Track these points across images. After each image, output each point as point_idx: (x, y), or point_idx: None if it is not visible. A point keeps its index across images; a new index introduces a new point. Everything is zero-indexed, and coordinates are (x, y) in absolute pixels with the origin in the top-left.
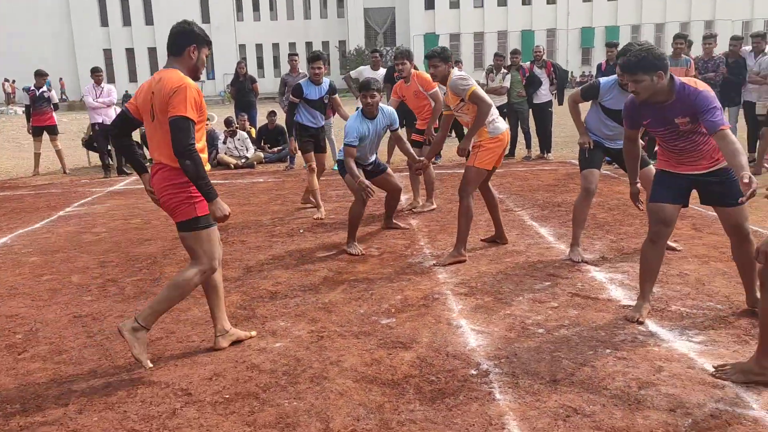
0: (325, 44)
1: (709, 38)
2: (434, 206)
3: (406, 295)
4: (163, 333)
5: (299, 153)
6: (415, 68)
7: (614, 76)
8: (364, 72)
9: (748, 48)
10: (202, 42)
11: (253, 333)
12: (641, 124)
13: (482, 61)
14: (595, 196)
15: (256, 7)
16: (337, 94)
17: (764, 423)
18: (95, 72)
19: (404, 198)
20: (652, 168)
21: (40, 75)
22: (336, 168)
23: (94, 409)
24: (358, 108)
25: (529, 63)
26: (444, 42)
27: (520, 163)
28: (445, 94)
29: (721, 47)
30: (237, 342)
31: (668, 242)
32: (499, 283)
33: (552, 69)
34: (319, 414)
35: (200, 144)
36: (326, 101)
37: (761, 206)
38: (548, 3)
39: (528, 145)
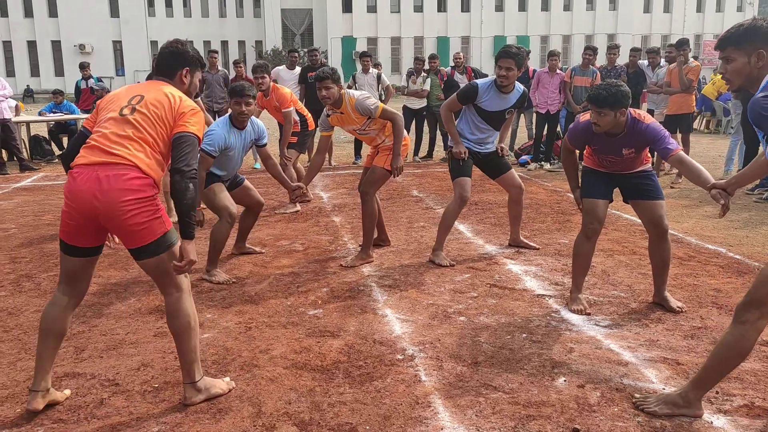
0: (242, 43)
1: (614, 48)
2: (298, 208)
3: (332, 288)
4: (86, 327)
5: None
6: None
7: (491, 77)
8: (281, 72)
9: (644, 62)
10: (195, 65)
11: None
12: (583, 145)
13: (399, 65)
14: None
15: (168, 3)
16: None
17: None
18: None
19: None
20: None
21: None
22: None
23: (17, 401)
24: (227, 114)
25: (449, 68)
26: (361, 45)
27: (438, 164)
28: (329, 115)
29: (623, 58)
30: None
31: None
32: (421, 276)
33: (472, 74)
34: (251, 399)
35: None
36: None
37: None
38: (462, 11)
39: (446, 147)
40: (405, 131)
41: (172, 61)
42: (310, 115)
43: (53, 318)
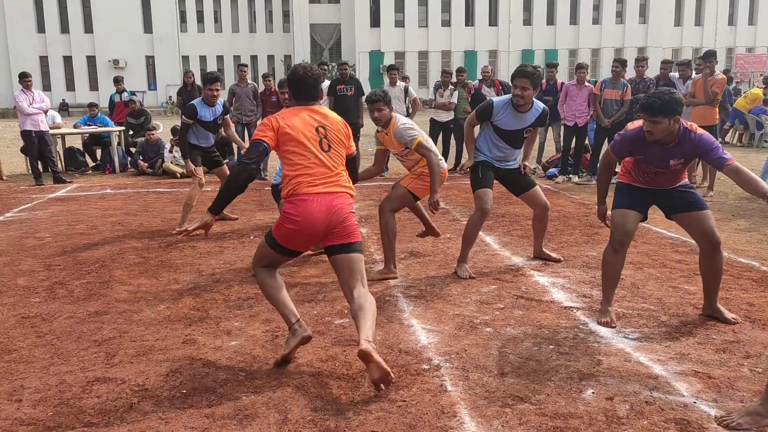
0: (271, 58)
1: (642, 61)
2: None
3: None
4: (116, 333)
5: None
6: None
7: (508, 96)
8: None
9: (675, 75)
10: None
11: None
12: (627, 156)
13: (426, 79)
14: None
15: (200, 18)
16: (228, 115)
17: (693, 408)
18: (24, 77)
19: None
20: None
21: None
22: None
23: (49, 404)
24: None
25: (477, 81)
26: (389, 59)
27: (464, 177)
28: (378, 131)
29: (653, 72)
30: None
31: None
32: (447, 287)
33: (500, 87)
34: (278, 406)
35: None
36: (219, 122)
37: None
38: (490, 25)
39: None
40: (443, 164)
41: (315, 88)
42: None
43: (273, 278)
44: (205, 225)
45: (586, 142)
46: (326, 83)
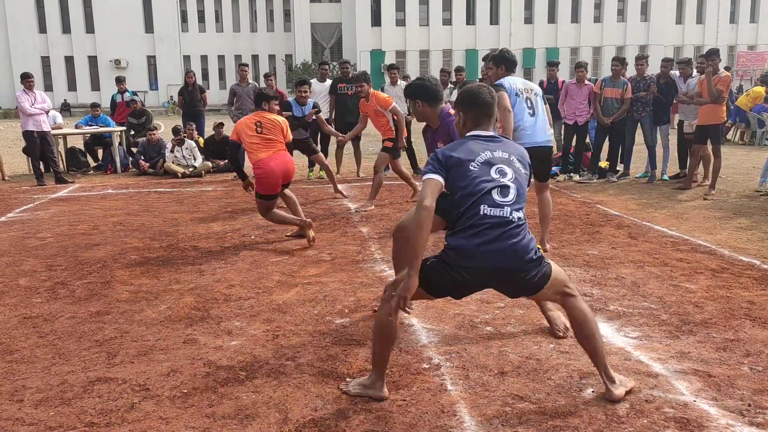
0: (272, 57)
1: (641, 59)
2: (372, 207)
3: (358, 297)
4: (118, 333)
5: None
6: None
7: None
8: (313, 84)
9: (676, 73)
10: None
11: None
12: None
13: None
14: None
15: (201, 18)
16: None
17: (693, 407)
18: (26, 78)
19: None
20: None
21: None
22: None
23: (50, 404)
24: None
25: (477, 81)
26: (390, 58)
27: None
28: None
29: (654, 70)
30: None
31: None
32: None
33: None
34: (278, 406)
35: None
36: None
37: (691, 217)
38: (491, 24)
39: None
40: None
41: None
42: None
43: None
44: None
45: (587, 140)
46: (328, 82)
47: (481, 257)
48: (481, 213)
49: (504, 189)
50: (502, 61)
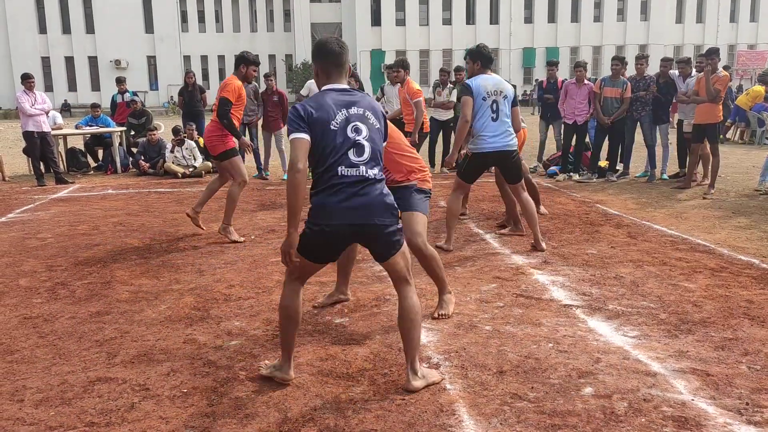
0: (272, 57)
1: (641, 58)
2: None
3: (358, 297)
4: (118, 333)
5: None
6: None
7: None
8: (312, 86)
9: (675, 72)
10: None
11: None
12: None
13: (428, 78)
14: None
15: (201, 18)
16: None
17: (691, 405)
18: (27, 78)
19: None
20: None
21: None
22: None
23: (51, 404)
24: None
25: None
26: (390, 58)
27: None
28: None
29: (654, 70)
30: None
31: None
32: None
33: None
34: (278, 405)
35: None
36: None
37: (690, 216)
38: (491, 23)
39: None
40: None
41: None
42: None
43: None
44: None
45: (587, 140)
46: None
47: (339, 214)
48: (339, 173)
49: (359, 148)
50: (478, 57)
